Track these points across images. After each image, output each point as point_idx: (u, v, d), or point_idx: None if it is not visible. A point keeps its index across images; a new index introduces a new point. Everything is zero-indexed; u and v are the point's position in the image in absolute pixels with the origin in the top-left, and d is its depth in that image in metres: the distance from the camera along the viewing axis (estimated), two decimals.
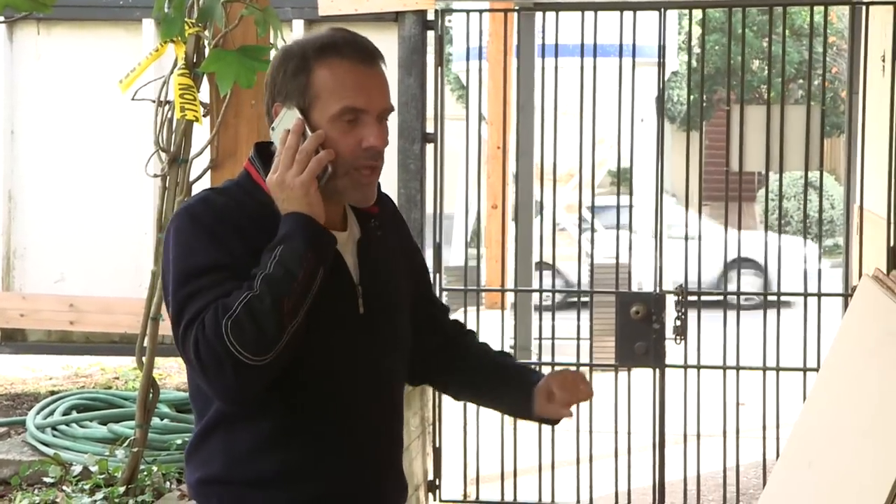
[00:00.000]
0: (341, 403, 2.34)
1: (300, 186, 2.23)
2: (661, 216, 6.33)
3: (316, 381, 2.32)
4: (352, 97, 2.27)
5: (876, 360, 4.28)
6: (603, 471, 6.41)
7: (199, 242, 2.25)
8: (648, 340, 6.11)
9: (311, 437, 2.33)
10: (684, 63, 21.07)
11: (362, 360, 2.37)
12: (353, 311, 2.36)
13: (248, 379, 2.18)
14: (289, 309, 2.18)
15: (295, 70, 2.30)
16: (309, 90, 2.28)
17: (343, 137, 2.28)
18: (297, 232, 2.21)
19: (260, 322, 2.15)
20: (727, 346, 6.18)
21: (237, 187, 2.37)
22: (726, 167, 6.27)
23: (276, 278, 2.18)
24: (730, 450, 6.26)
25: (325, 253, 2.26)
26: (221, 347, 2.15)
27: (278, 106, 2.32)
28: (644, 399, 6.32)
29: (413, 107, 6.28)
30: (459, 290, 6.71)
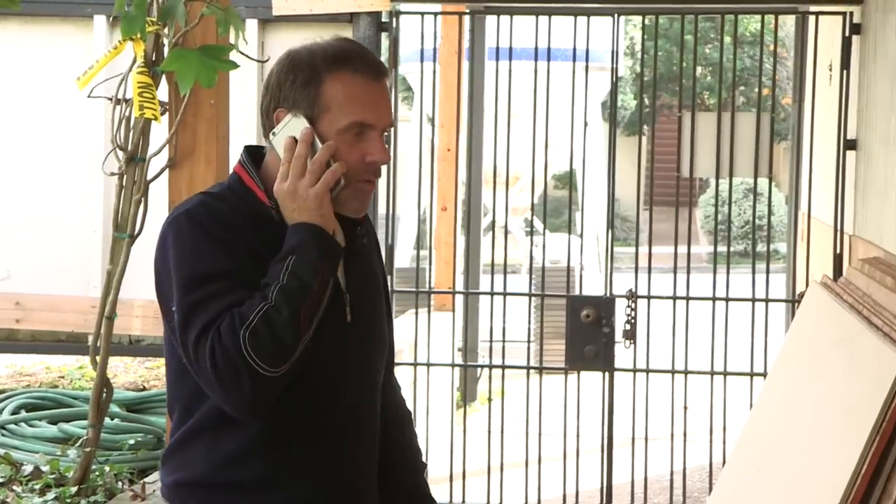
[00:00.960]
0: (327, 411, 2.35)
1: (314, 198, 2.25)
2: (612, 220, 6.39)
3: (303, 388, 2.31)
4: (361, 112, 2.29)
5: (826, 365, 4.35)
6: (551, 473, 6.45)
7: (204, 248, 2.24)
8: (598, 344, 6.15)
9: (297, 444, 2.32)
10: (628, 68, 21.27)
11: (349, 368, 2.38)
12: (340, 318, 2.36)
13: (264, 389, 2.19)
14: (305, 319, 2.20)
15: (306, 80, 2.29)
16: (318, 101, 2.28)
17: (348, 150, 2.29)
18: (311, 243, 2.23)
19: (278, 333, 2.16)
20: (675, 350, 6.23)
21: (230, 192, 2.36)
22: (677, 173, 6.34)
23: (291, 289, 2.19)
24: (677, 453, 6.32)
25: (336, 265, 2.28)
26: (239, 358, 2.15)
27: (282, 112, 2.31)
28: (593, 402, 6.36)
29: None
30: (410, 293, 6.72)
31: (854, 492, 3.33)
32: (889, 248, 5.13)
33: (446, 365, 6.59)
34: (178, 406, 2.36)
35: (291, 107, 2.29)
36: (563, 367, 6.34)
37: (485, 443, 6.40)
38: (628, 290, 6.21)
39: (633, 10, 7.01)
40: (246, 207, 2.32)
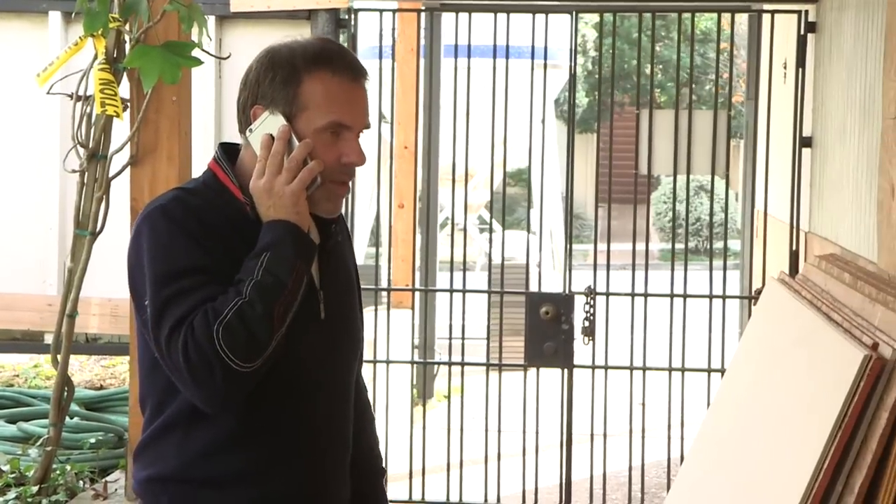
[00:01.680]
0: (301, 406, 2.36)
1: (290, 195, 2.25)
2: (570, 218, 6.41)
3: (278, 384, 2.32)
4: (339, 113, 2.30)
5: (785, 361, 4.39)
6: (510, 469, 6.47)
7: (178, 243, 2.24)
8: (557, 341, 6.18)
9: (270, 439, 2.33)
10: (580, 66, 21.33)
11: (322, 365, 2.39)
12: (314, 315, 2.38)
13: (236, 384, 2.19)
14: (279, 316, 2.21)
15: (285, 78, 2.30)
16: (297, 100, 2.30)
17: (325, 150, 2.30)
18: (287, 240, 2.24)
19: (251, 328, 2.17)
20: (634, 347, 6.27)
21: (205, 188, 2.36)
22: (636, 170, 6.37)
23: (266, 285, 2.20)
24: (635, 449, 6.36)
25: (310, 262, 2.30)
26: (212, 352, 2.16)
27: (259, 109, 2.32)
28: (552, 398, 6.39)
29: None
30: (370, 289, 6.71)
31: (816, 487, 3.36)
32: (845, 245, 5.20)
33: (405, 362, 6.60)
34: (150, 401, 2.36)
35: (270, 104, 2.30)
36: (521, 363, 6.36)
37: (444, 440, 6.41)
38: (587, 287, 6.24)
39: (591, 7, 7.04)
40: (221, 203, 2.32)
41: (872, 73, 4.85)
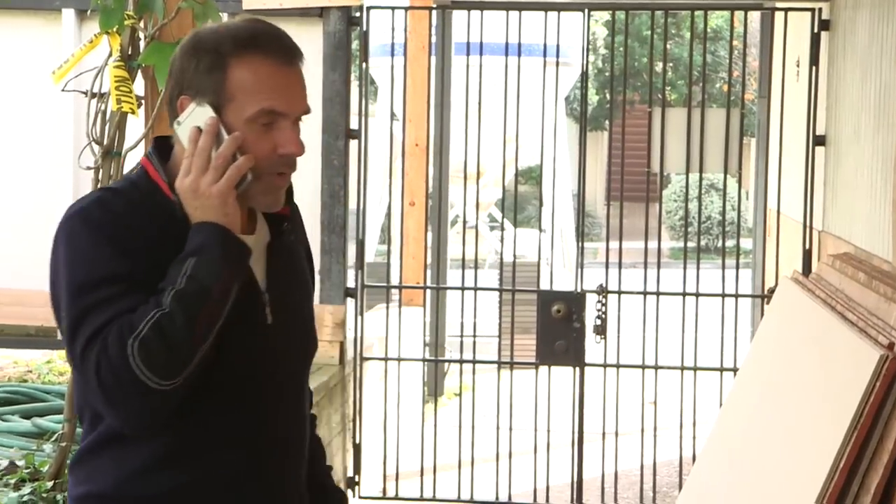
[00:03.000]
0: (246, 417, 2.18)
1: (217, 195, 2.06)
2: (582, 216, 6.42)
3: (220, 395, 2.15)
4: (271, 99, 2.11)
5: (800, 360, 4.39)
6: (522, 467, 6.47)
7: (97, 250, 2.06)
8: (569, 339, 6.18)
9: (213, 453, 2.16)
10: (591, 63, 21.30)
11: (270, 373, 2.22)
12: (260, 320, 2.20)
13: (154, 404, 2.02)
14: (202, 329, 2.02)
15: (210, 65, 2.11)
16: (224, 89, 2.10)
17: (258, 141, 2.11)
18: (214, 244, 2.05)
19: (170, 343, 1.99)
20: (646, 345, 6.27)
21: (133, 187, 2.17)
22: (647, 168, 6.37)
23: (188, 295, 2.02)
24: (647, 448, 6.36)
25: (242, 268, 2.11)
26: (126, 371, 1.98)
27: (185, 99, 2.13)
28: (563, 397, 6.39)
29: (337, 102, 6.27)
30: (382, 287, 6.72)
31: (831, 487, 3.36)
32: (859, 244, 5.19)
33: (416, 360, 6.60)
34: (87, 411, 2.18)
35: (196, 94, 2.11)
36: (533, 362, 6.36)
37: (455, 437, 6.41)
38: (599, 286, 6.24)
39: (603, 5, 7.04)
40: (150, 203, 2.14)
41: (888, 72, 4.84)
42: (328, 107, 6.27)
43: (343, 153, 6.29)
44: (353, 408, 6.37)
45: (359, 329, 6.30)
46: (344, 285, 6.29)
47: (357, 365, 6.34)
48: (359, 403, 6.35)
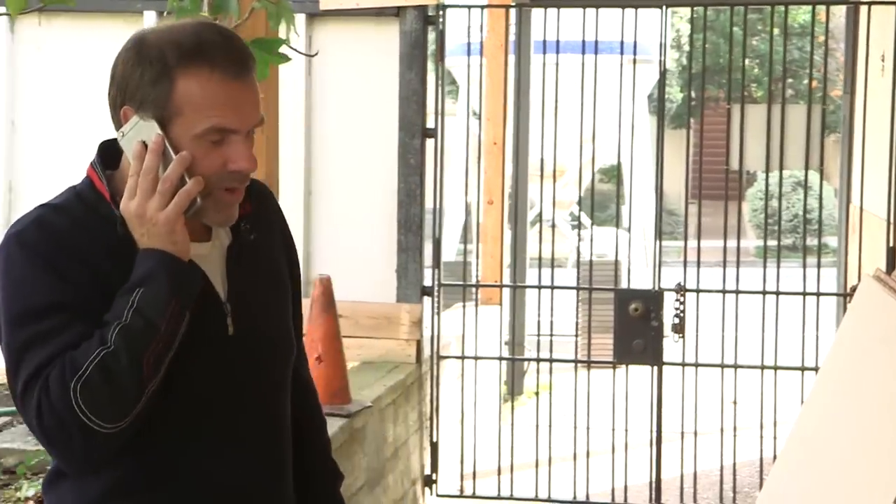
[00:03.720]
0: (212, 439, 2.04)
1: (164, 223, 1.91)
2: (660, 213, 6.36)
3: (180, 416, 2.00)
4: (221, 116, 1.94)
5: (880, 360, 4.30)
6: (600, 467, 6.42)
7: (35, 277, 1.92)
8: (646, 338, 6.13)
9: (178, 479, 2.02)
10: (674, 61, 21.14)
11: (234, 387, 2.06)
12: (220, 333, 2.04)
13: (98, 446, 1.89)
14: (150, 367, 1.88)
15: (155, 77, 1.94)
16: (170, 103, 1.94)
17: (207, 157, 1.95)
18: (161, 275, 1.90)
19: (116, 384, 1.86)
20: (725, 344, 6.20)
21: (78, 200, 2.02)
22: (726, 166, 6.30)
23: (134, 331, 1.87)
24: (726, 448, 6.28)
25: (191, 296, 1.95)
26: (69, 414, 1.85)
27: (128, 110, 1.96)
28: (641, 396, 6.34)
29: (414, 101, 6.27)
30: (459, 286, 6.73)
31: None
32: None
33: (493, 358, 6.58)
34: None
35: (139, 107, 1.95)
36: (610, 360, 6.32)
37: (533, 436, 6.39)
38: (677, 284, 6.18)
39: (682, 1, 6.97)
40: (94, 219, 1.98)
41: None
42: (404, 106, 6.27)
43: (419, 152, 6.29)
44: (429, 406, 6.37)
45: (435, 327, 6.31)
46: (420, 284, 6.28)
47: (434, 363, 6.34)
48: (436, 402, 6.35)
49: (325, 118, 6.45)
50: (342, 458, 4.96)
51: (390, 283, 6.28)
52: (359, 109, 6.42)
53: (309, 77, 6.43)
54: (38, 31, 6.58)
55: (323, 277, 5.27)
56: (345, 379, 5.22)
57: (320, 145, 6.44)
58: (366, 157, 6.39)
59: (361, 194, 6.39)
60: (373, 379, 5.83)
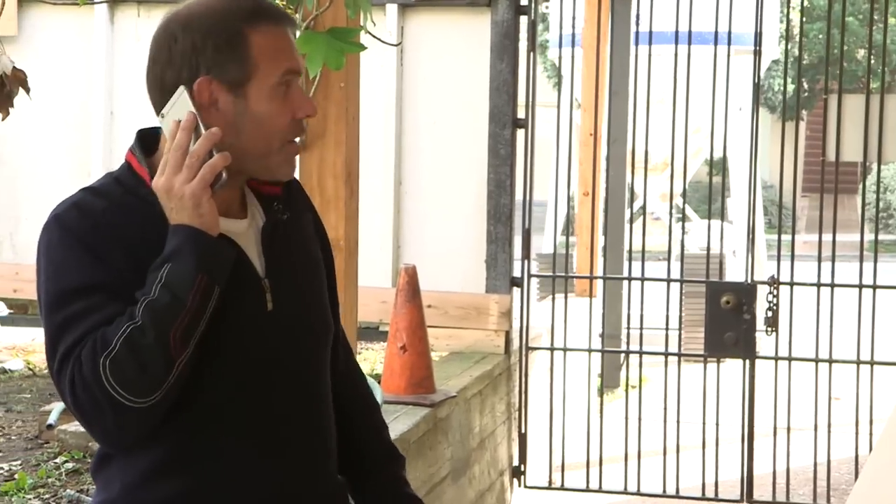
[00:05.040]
0: (255, 416, 2.07)
1: (190, 196, 1.94)
2: (754, 206, 6.26)
3: (223, 393, 2.03)
4: (289, 59, 2.06)
5: None
6: (690, 461, 6.35)
7: (73, 258, 1.96)
8: (738, 331, 6.04)
9: (220, 456, 2.04)
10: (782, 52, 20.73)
11: (276, 364, 2.09)
12: (260, 308, 2.07)
13: (132, 422, 1.93)
14: (177, 342, 1.91)
15: (228, 39, 2.01)
16: (248, 60, 2.02)
17: (280, 112, 2.04)
18: (186, 250, 1.93)
19: (143, 359, 1.89)
20: (820, 338, 6.08)
21: (117, 184, 2.05)
22: (822, 157, 6.18)
23: (161, 305, 1.90)
24: (821, 444, 6.16)
25: (221, 271, 1.97)
26: (99, 390, 1.89)
27: (204, 81, 2.01)
28: (733, 390, 6.25)
29: (504, 92, 6.26)
30: (548, 277, 6.70)
31: None
32: None
33: (583, 350, 6.54)
34: None
35: (219, 73, 2.01)
36: (701, 353, 6.24)
37: (622, 429, 6.34)
38: (770, 277, 6.08)
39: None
40: (133, 200, 2.02)
41: None
42: (495, 96, 6.26)
43: (510, 143, 6.28)
44: (518, 397, 6.36)
45: (524, 318, 6.29)
46: (510, 275, 6.28)
47: (523, 354, 6.33)
48: (524, 393, 6.34)
49: (416, 108, 6.47)
50: (425, 447, 4.98)
51: (480, 274, 6.29)
52: (450, 100, 6.43)
53: (400, 67, 6.46)
54: (137, 21, 6.71)
55: (408, 267, 5.30)
56: (429, 368, 5.23)
57: (411, 135, 6.47)
58: (456, 147, 6.40)
59: (451, 185, 6.40)
60: (460, 369, 5.84)
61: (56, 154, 6.75)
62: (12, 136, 6.66)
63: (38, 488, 4.02)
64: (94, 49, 6.70)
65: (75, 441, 4.36)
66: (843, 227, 6.37)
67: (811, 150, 19.82)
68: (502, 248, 6.27)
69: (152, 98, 2.07)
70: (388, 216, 6.41)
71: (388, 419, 4.75)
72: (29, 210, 6.71)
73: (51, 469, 4.19)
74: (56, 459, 4.30)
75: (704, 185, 15.23)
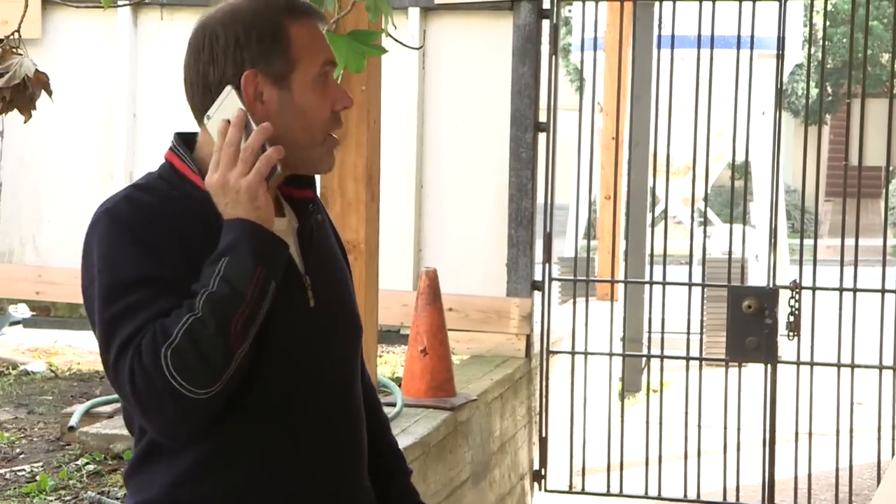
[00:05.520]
0: (296, 411, 2.08)
1: (247, 190, 1.96)
2: (776, 210, 6.24)
3: (268, 390, 2.05)
4: (327, 52, 2.11)
5: None
6: (711, 466, 6.34)
7: (126, 251, 1.98)
8: (760, 336, 6.03)
9: (265, 454, 2.07)
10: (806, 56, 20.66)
11: (319, 360, 2.12)
12: (303, 304, 2.10)
13: (192, 413, 1.94)
14: (237, 333, 1.92)
15: (271, 33, 2.06)
16: (290, 52, 2.06)
17: (319, 104, 2.08)
18: (244, 243, 1.95)
19: (204, 350, 1.90)
20: (842, 343, 6.06)
21: (161, 181, 2.08)
22: (845, 161, 6.16)
23: (221, 298, 1.92)
24: (843, 449, 6.14)
25: (277, 265, 2.00)
26: (160, 380, 1.90)
27: (250, 74, 2.04)
28: (755, 395, 6.23)
29: (526, 95, 6.26)
30: (569, 281, 6.70)
31: None
32: None
33: (603, 354, 6.53)
34: (136, 420, 2.10)
35: (264, 67, 2.05)
36: (723, 358, 6.23)
37: (643, 433, 6.33)
38: (792, 281, 6.06)
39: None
40: (180, 196, 2.05)
41: None
42: (517, 100, 6.27)
43: (531, 146, 6.28)
44: (539, 401, 6.36)
45: (545, 322, 6.29)
46: (531, 278, 6.28)
47: (544, 358, 6.32)
48: (545, 397, 6.34)
49: (437, 111, 6.48)
50: (445, 450, 4.98)
51: (500, 278, 6.29)
52: (471, 103, 6.44)
53: (422, 70, 6.47)
54: (160, 24, 6.73)
55: (429, 270, 5.30)
56: (449, 372, 5.23)
57: (432, 138, 6.48)
58: (478, 150, 6.40)
59: (473, 188, 6.41)
60: (480, 372, 5.84)
61: (79, 156, 6.77)
62: (36, 138, 6.70)
63: (60, 490, 4.03)
64: (117, 52, 6.72)
65: (97, 443, 4.38)
66: (866, 231, 6.34)
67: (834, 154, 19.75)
68: (523, 252, 6.27)
69: (194, 99, 2.09)
70: (409, 219, 6.42)
71: (409, 422, 4.79)
72: (52, 212, 6.74)
73: (72, 471, 4.20)
74: (77, 461, 4.31)
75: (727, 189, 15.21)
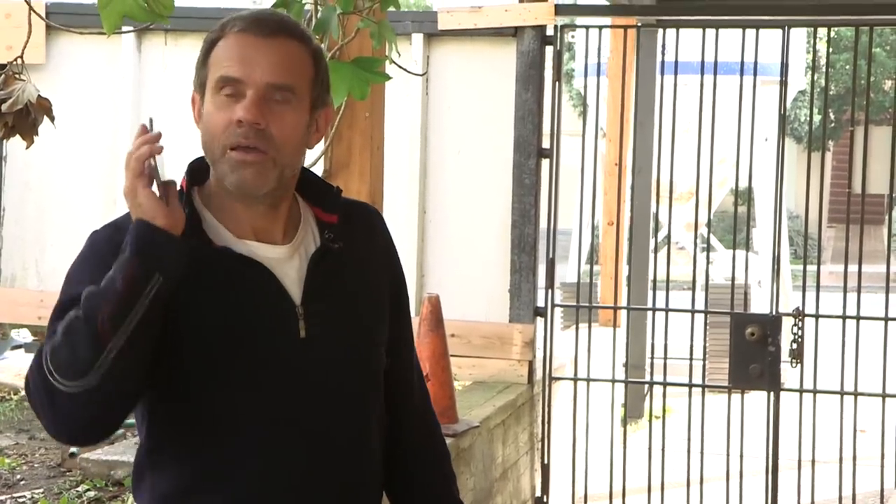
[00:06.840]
0: (277, 441, 2.06)
1: (127, 192, 1.95)
2: (779, 237, 6.24)
3: (248, 417, 2.04)
4: (229, 66, 2.03)
5: None
6: (714, 493, 6.31)
7: (84, 272, 2.02)
8: (763, 363, 6.01)
9: (241, 480, 2.05)
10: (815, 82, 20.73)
11: (305, 390, 2.08)
12: (292, 335, 2.07)
13: (66, 408, 1.93)
14: (104, 324, 1.89)
15: (203, 53, 2.09)
16: (206, 64, 2.08)
17: (217, 113, 2.04)
18: (129, 241, 1.93)
19: (73, 341, 1.90)
20: (845, 371, 6.04)
21: None
22: (848, 188, 6.17)
23: (96, 292, 1.92)
24: (846, 477, 6.12)
25: (156, 259, 1.93)
26: (39, 375, 1.93)
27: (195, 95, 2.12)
28: (758, 422, 6.21)
29: (529, 121, 6.27)
30: (572, 307, 6.69)
31: None
32: None
33: (606, 380, 6.52)
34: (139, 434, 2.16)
35: (196, 79, 2.09)
36: (725, 385, 6.21)
37: (645, 460, 6.31)
38: (795, 309, 6.06)
39: (803, 22, 6.85)
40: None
41: None
42: (520, 125, 6.28)
43: (535, 172, 6.28)
44: (541, 427, 6.34)
45: (548, 348, 6.28)
46: (534, 304, 6.27)
47: (546, 384, 6.31)
48: (548, 423, 6.32)
49: (441, 137, 6.49)
50: None
51: (503, 303, 6.29)
52: (475, 129, 6.45)
53: (426, 96, 6.48)
54: (164, 50, 6.75)
55: (431, 296, 5.30)
56: (451, 398, 5.22)
57: (436, 164, 6.49)
58: (481, 176, 6.41)
59: (475, 214, 6.41)
60: (483, 399, 5.82)
61: (83, 181, 6.78)
62: (40, 163, 6.71)
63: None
64: (121, 77, 6.74)
65: (97, 469, 4.37)
66: (869, 258, 6.34)
67: (837, 180, 19.77)
68: (526, 278, 6.27)
69: None
70: (412, 245, 6.42)
71: None
72: (55, 237, 6.75)
73: (73, 497, 4.20)
74: (78, 488, 4.31)
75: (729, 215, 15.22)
